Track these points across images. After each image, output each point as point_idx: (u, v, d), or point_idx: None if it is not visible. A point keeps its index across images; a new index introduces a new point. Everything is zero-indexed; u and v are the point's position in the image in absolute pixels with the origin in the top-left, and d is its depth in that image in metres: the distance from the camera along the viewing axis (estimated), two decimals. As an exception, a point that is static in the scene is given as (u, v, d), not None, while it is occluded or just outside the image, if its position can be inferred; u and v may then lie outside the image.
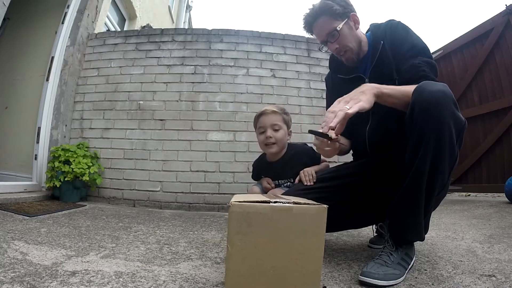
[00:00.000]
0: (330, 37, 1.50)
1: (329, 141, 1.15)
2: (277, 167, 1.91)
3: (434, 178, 1.14)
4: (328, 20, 1.48)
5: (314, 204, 0.97)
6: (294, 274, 0.94)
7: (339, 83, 1.64)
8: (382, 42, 1.49)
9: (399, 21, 1.53)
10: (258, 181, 2.03)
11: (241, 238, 0.92)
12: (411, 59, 1.35)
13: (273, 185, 1.91)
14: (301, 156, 1.86)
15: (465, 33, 4.52)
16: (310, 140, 3.50)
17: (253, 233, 0.92)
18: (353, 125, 1.56)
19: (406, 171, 1.19)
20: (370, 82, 1.45)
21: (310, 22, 1.54)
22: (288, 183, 1.88)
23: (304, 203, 0.97)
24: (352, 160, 1.76)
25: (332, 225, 1.35)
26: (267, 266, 0.93)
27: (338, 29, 1.47)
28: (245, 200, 0.97)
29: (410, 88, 1.19)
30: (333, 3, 1.47)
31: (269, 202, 0.95)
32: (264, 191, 1.91)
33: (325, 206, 0.96)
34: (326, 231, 1.00)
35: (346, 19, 1.49)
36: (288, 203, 0.95)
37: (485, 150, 4.07)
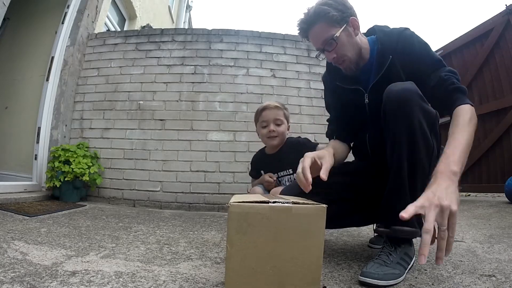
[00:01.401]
0: (327, 46, 1.39)
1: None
2: (276, 159, 2.01)
3: (415, 173, 1.17)
4: (325, 27, 1.38)
5: (313, 204, 0.97)
6: (294, 274, 0.94)
7: (338, 87, 1.58)
8: (391, 56, 1.36)
9: (413, 32, 1.41)
10: (259, 179, 2.07)
11: (241, 238, 0.92)
12: (435, 73, 1.30)
13: (275, 177, 1.98)
14: (297, 147, 1.96)
15: (465, 33, 4.52)
16: (311, 138, 3.51)
17: (253, 233, 0.93)
18: (354, 129, 1.58)
19: (389, 171, 1.23)
20: (370, 97, 1.44)
21: (305, 29, 1.44)
22: (290, 176, 1.95)
23: (303, 203, 0.97)
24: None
25: (333, 222, 1.36)
26: (267, 266, 0.93)
27: (335, 37, 1.36)
28: (244, 200, 0.97)
29: (462, 135, 1.13)
30: (330, 8, 1.36)
31: (268, 202, 0.95)
32: (266, 187, 1.96)
33: (324, 205, 0.96)
34: (327, 228, 1.00)
35: (345, 25, 1.38)
36: (287, 203, 0.96)
37: (485, 150, 4.07)
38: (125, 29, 5.77)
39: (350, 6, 1.40)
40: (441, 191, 0.94)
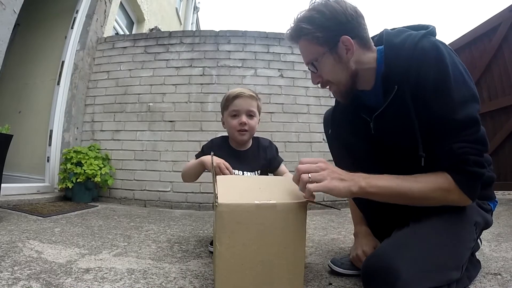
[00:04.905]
0: (310, 67, 1.15)
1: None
2: (244, 157, 1.72)
3: None
4: (308, 45, 1.13)
5: (295, 200, 1.01)
6: (280, 267, 0.98)
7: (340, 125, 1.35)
8: (396, 87, 1.03)
9: (434, 44, 0.99)
10: (204, 161, 1.62)
11: (230, 236, 0.95)
12: (451, 137, 0.95)
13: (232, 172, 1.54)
14: (269, 150, 1.78)
15: (473, 29, 4.45)
16: (319, 139, 3.50)
17: (241, 230, 0.96)
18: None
19: None
20: (374, 127, 1.18)
21: (292, 42, 1.20)
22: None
23: (287, 201, 1.00)
24: None
25: None
26: (256, 262, 0.97)
27: (316, 62, 1.12)
28: (232, 197, 0.99)
29: (417, 184, 0.97)
30: (312, 27, 1.07)
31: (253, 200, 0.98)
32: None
33: (305, 201, 0.99)
34: None
35: (334, 46, 1.07)
36: (271, 200, 0.99)
37: (495, 147, 4.01)
38: (133, 32, 5.84)
39: (347, 20, 1.06)
40: (336, 173, 0.97)
